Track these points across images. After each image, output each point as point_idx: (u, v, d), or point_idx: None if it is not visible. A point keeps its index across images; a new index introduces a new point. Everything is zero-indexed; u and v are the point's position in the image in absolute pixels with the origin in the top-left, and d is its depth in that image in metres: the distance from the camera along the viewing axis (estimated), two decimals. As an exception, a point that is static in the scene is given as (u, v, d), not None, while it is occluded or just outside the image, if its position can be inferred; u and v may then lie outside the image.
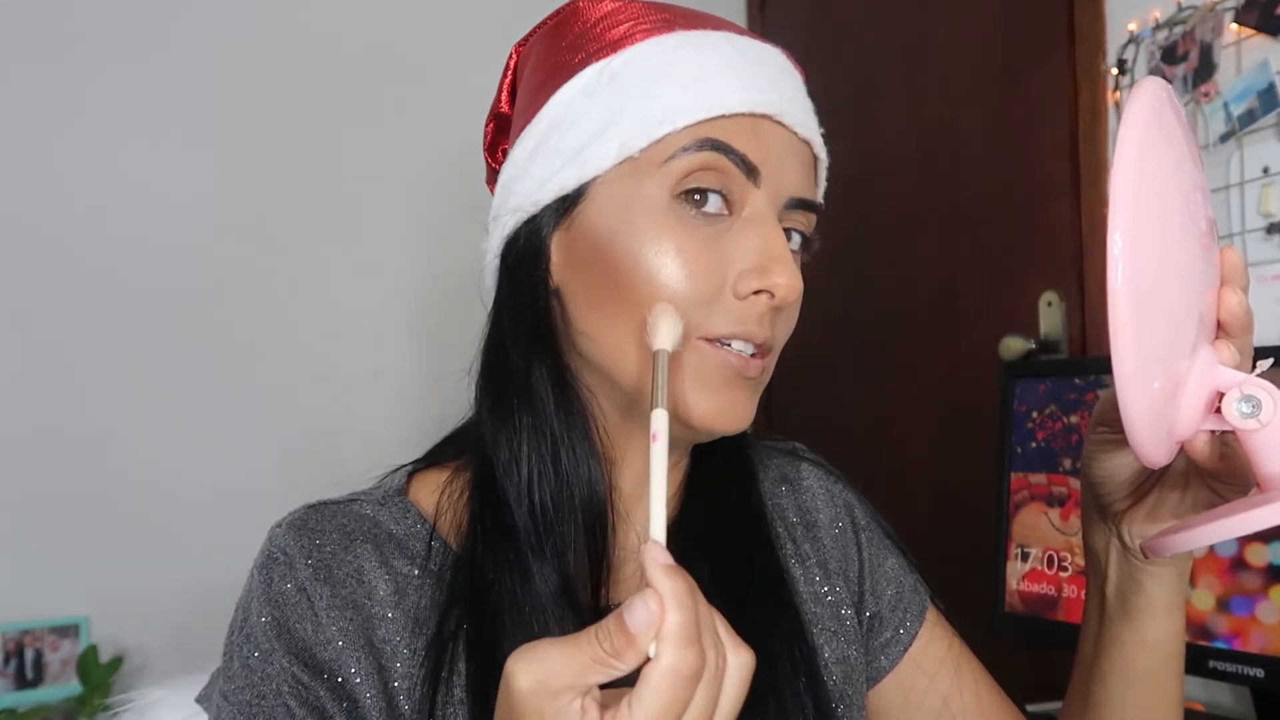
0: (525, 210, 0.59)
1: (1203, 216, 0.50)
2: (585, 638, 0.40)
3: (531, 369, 0.58)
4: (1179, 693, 0.65)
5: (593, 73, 0.58)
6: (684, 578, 0.41)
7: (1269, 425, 0.47)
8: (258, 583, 0.58)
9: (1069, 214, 1.61)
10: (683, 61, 0.57)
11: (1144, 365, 0.44)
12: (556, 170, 0.58)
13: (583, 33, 0.61)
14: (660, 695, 0.39)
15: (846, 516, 0.74)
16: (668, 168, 0.55)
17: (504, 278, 0.61)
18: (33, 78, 1.68)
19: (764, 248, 0.56)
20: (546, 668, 0.40)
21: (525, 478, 0.57)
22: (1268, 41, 1.31)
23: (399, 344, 1.92)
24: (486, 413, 0.60)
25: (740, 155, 0.56)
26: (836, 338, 2.03)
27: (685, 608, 0.40)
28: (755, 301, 0.56)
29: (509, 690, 0.40)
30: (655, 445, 0.45)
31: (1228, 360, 0.49)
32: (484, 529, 0.58)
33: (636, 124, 0.56)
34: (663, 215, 0.56)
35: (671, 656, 0.39)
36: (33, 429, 1.65)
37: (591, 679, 0.40)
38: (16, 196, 1.66)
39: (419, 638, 0.57)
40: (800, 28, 2.26)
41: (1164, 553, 0.51)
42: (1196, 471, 0.57)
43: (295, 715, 0.55)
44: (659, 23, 0.60)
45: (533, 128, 0.60)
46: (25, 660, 1.60)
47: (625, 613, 0.40)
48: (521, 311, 0.59)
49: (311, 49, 1.89)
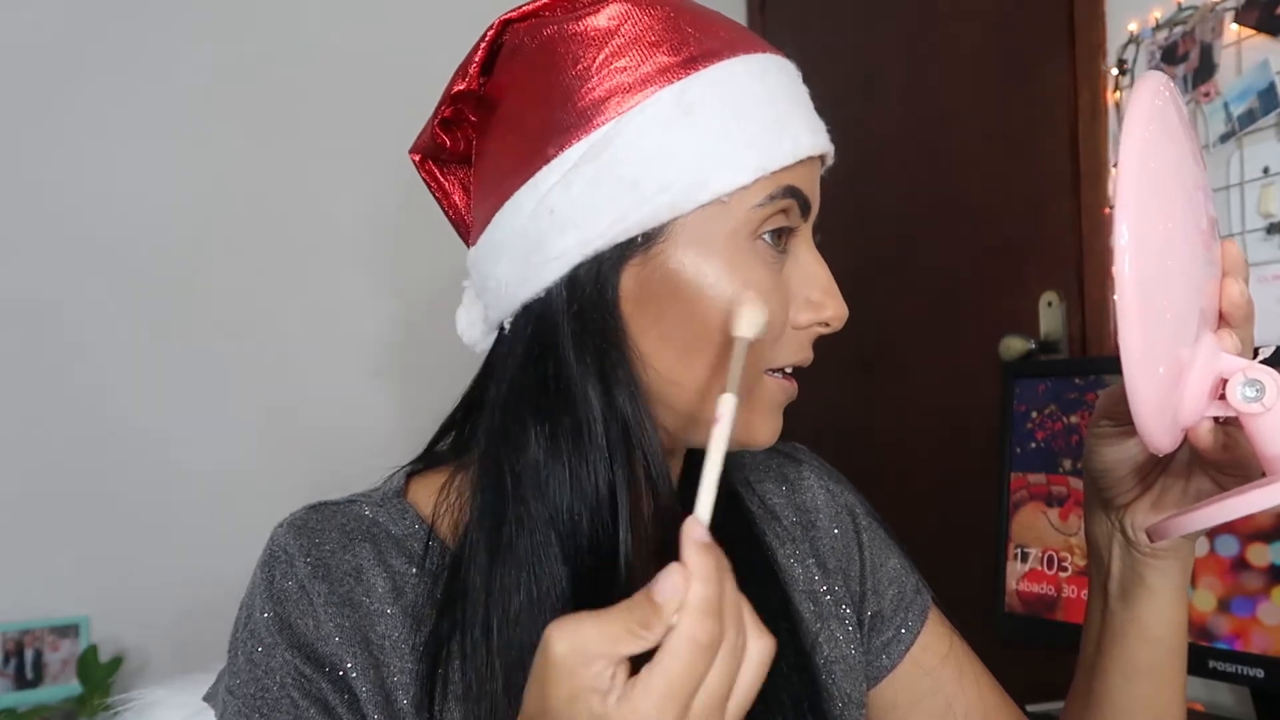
0: (594, 247, 0.56)
1: (1204, 214, 0.51)
2: (617, 609, 0.42)
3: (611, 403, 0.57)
4: (1181, 688, 0.65)
5: (667, 101, 0.55)
6: (715, 555, 0.43)
7: (1273, 409, 0.48)
8: (260, 580, 0.59)
9: (1069, 214, 1.61)
10: (757, 96, 0.57)
11: (1150, 351, 0.45)
12: (634, 207, 0.55)
13: (635, 46, 0.57)
14: (678, 660, 0.41)
15: (847, 516, 0.74)
16: (754, 212, 0.56)
17: (567, 311, 0.58)
18: (31, 79, 1.68)
19: (819, 281, 0.60)
20: (582, 635, 0.42)
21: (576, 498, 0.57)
22: (1268, 41, 1.31)
23: (398, 344, 1.92)
24: (544, 441, 0.58)
25: (805, 197, 0.58)
26: (836, 338, 2.01)
27: (709, 581, 0.42)
28: (809, 330, 0.60)
29: (545, 655, 0.42)
30: (718, 427, 0.46)
31: (1230, 348, 0.50)
32: (485, 532, 0.58)
33: (727, 168, 0.55)
34: (749, 257, 0.57)
35: (689, 625, 0.41)
36: (33, 429, 1.65)
37: (622, 649, 0.42)
38: (16, 198, 1.66)
39: (416, 634, 0.58)
40: (800, 28, 2.26)
41: (1169, 535, 0.51)
42: (1199, 462, 0.58)
43: (299, 706, 0.56)
44: (719, 42, 0.58)
45: (587, 154, 0.56)
46: (25, 660, 1.61)
47: (654, 585, 0.42)
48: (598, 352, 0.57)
49: (311, 50, 1.89)
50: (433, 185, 0.67)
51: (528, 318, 0.59)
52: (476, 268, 0.63)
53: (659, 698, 0.41)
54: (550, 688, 0.42)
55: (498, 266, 0.60)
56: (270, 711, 0.56)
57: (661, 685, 0.41)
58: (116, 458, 1.70)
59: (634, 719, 0.41)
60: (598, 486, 0.57)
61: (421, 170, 0.67)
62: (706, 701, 0.42)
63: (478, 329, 0.64)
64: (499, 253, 0.60)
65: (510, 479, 0.58)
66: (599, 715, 0.41)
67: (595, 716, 0.41)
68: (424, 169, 0.67)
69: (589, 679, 0.41)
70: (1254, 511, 0.46)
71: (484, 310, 0.63)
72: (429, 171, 0.67)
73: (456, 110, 0.63)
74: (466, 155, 0.66)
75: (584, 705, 0.41)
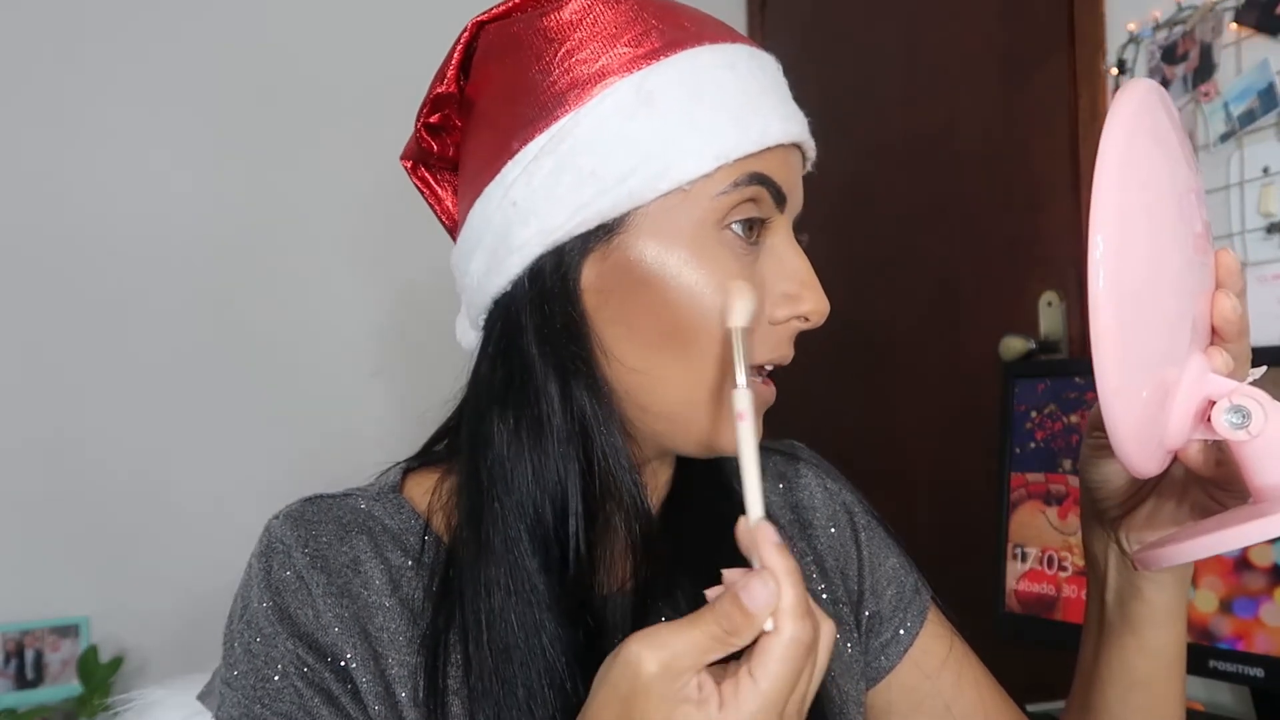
0: (553, 239, 0.56)
1: (1197, 219, 0.48)
2: (702, 619, 0.43)
3: (568, 396, 0.56)
4: (1180, 700, 0.64)
5: (626, 91, 0.55)
6: (792, 556, 0.43)
7: (1259, 436, 0.46)
8: (257, 571, 0.58)
9: (1069, 214, 1.61)
10: (722, 84, 0.56)
11: (1130, 374, 0.43)
12: (594, 197, 0.55)
13: (595, 39, 0.57)
14: (786, 664, 0.42)
15: (844, 516, 0.74)
16: (718, 200, 0.55)
17: (530, 304, 0.57)
18: (32, 79, 1.68)
19: (796, 274, 0.57)
20: (672, 651, 0.42)
21: (538, 489, 0.57)
22: (1268, 41, 1.31)
23: (398, 346, 1.92)
24: (507, 435, 0.58)
25: (777, 186, 0.56)
26: (836, 338, 2.01)
27: (799, 583, 0.43)
28: (788, 325, 0.58)
29: (636, 674, 0.42)
30: (743, 424, 0.46)
31: (1220, 367, 0.48)
32: (470, 530, 0.58)
33: (688, 155, 0.54)
34: (714, 247, 0.55)
35: (793, 629, 0.42)
36: (33, 430, 1.65)
37: (710, 658, 0.43)
38: (15, 201, 1.66)
39: (414, 626, 0.58)
40: (800, 28, 2.26)
41: (1155, 566, 0.50)
42: (1194, 477, 0.56)
43: (303, 695, 0.55)
44: (683, 33, 0.57)
45: (548, 146, 0.56)
46: (25, 660, 1.61)
47: (742, 593, 0.42)
48: (558, 345, 0.57)
49: (311, 53, 1.89)
50: (425, 191, 0.68)
51: (497, 312, 0.59)
52: (456, 267, 0.63)
53: (765, 701, 0.41)
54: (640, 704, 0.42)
55: (471, 262, 0.60)
56: (272, 701, 0.55)
57: (767, 689, 0.41)
58: (117, 458, 1.70)
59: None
60: (558, 477, 0.56)
61: (414, 177, 0.67)
62: (797, 699, 0.43)
63: (470, 333, 0.65)
64: (473, 248, 0.60)
65: (485, 475, 0.58)
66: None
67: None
68: (416, 175, 0.67)
69: (682, 692, 0.42)
70: (1242, 546, 0.44)
71: (466, 310, 0.64)
72: (421, 178, 0.68)
73: (443, 116, 0.63)
74: (455, 161, 0.66)
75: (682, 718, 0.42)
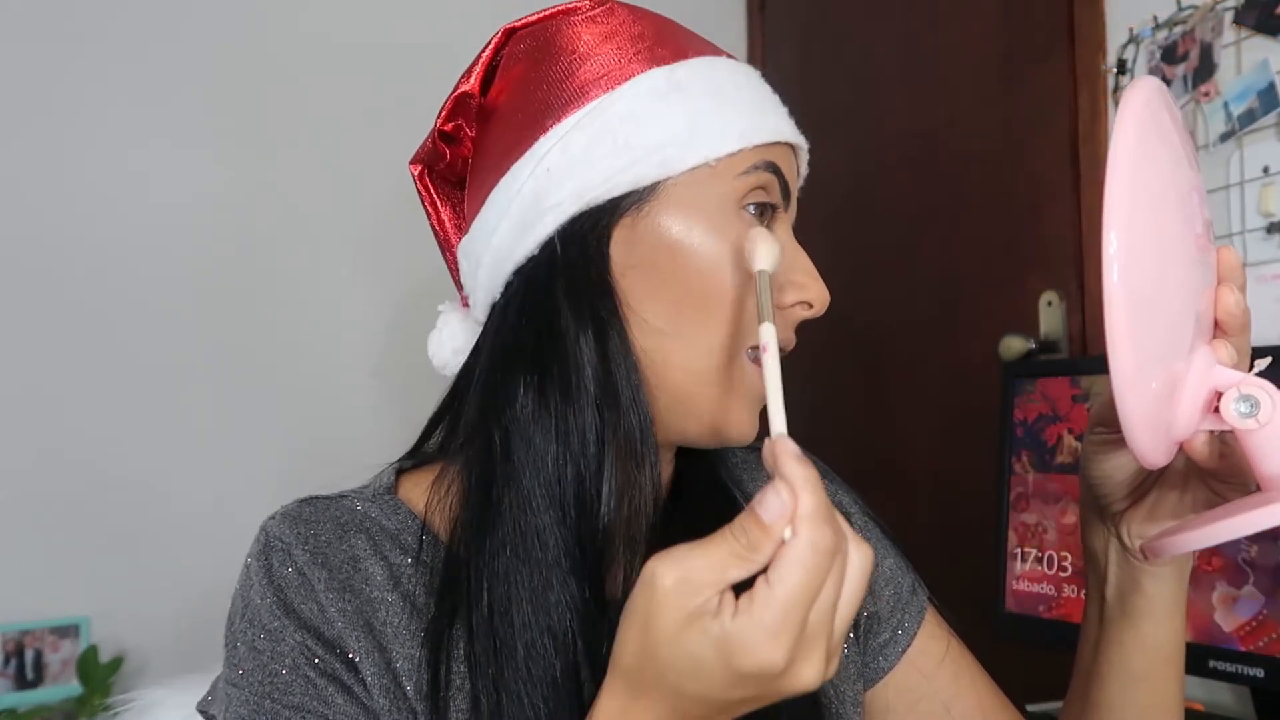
0: (588, 199, 0.58)
1: (1199, 218, 0.49)
2: (721, 537, 0.42)
3: (602, 346, 0.57)
4: (1179, 695, 0.64)
5: (659, 77, 0.60)
6: (812, 465, 0.43)
7: (1267, 425, 0.47)
8: (257, 570, 0.58)
9: (1069, 214, 1.61)
10: (739, 85, 0.62)
11: (1142, 366, 0.44)
12: (628, 164, 0.58)
13: (625, 40, 0.62)
14: (801, 567, 0.40)
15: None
16: (739, 180, 0.59)
17: (561, 260, 0.59)
18: (30, 80, 1.68)
19: (800, 264, 0.61)
20: (689, 566, 0.41)
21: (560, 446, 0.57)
22: (1268, 41, 1.31)
23: (397, 346, 1.92)
24: (533, 393, 0.58)
25: (784, 180, 0.61)
26: (836, 338, 2.02)
27: (818, 489, 0.42)
28: (792, 311, 0.61)
29: (652, 590, 0.42)
30: (767, 356, 0.48)
31: (1225, 360, 0.49)
32: (477, 502, 0.58)
33: (716, 135, 0.58)
34: (735, 223, 0.59)
35: (809, 532, 0.41)
36: (32, 430, 1.65)
37: (732, 574, 0.42)
38: (14, 201, 1.66)
39: (417, 620, 0.58)
40: (800, 28, 2.26)
41: (1163, 554, 0.51)
42: (1196, 471, 0.57)
43: (316, 685, 0.55)
44: (701, 45, 0.64)
45: (584, 121, 0.59)
46: (25, 660, 1.61)
47: (758, 506, 0.42)
48: (590, 300, 0.58)
49: (311, 52, 1.89)
50: (426, 200, 0.70)
51: (520, 279, 0.61)
52: (468, 254, 0.65)
53: (781, 608, 0.40)
54: (656, 620, 0.41)
55: (494, 237, 0.62)
56: (282, 695, 0.55)
57: (783, 595, 0.40)
58: (116, 458, 1.70)
59: (755, 633, 0.40)
60: (584, 435, 0.57)
61: (419, 183, 0.69)
62: (821, 610, 0.42)
63: (447, 350, 0.67)
64: (494, 224, 0.62)
65: (499, 438, 0.58)
66: (716, 636, 0.41)
67: (712, 638, 0.41)
68: (421, 183, 0.69)
69: (699, 606, 0.41)
70: (1250, 533, 0.45)
71: (474, 297, 0.65)
72: (425, 185, 0.70)
73: (456, 126, 0.66)
74: (461, 178, 0.68)
75: (697, 630, 0.41)
